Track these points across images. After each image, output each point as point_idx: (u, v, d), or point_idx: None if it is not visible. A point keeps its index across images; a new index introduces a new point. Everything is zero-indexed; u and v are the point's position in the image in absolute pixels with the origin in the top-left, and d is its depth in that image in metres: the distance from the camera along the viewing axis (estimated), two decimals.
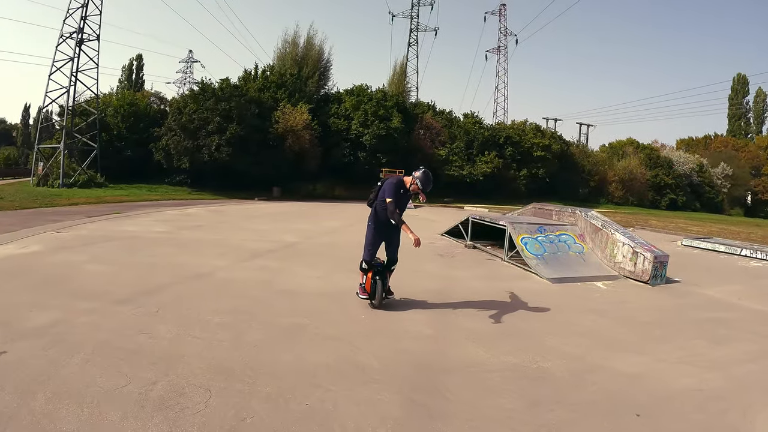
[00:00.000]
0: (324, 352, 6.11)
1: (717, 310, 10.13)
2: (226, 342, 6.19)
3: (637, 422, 4.95)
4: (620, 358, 6.65)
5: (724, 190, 71.28)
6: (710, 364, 6.87)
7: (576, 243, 13.41)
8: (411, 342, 6.68)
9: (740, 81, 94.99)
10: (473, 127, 49.48)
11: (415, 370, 5.74)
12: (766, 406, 5.59)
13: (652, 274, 11.71)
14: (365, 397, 4.98)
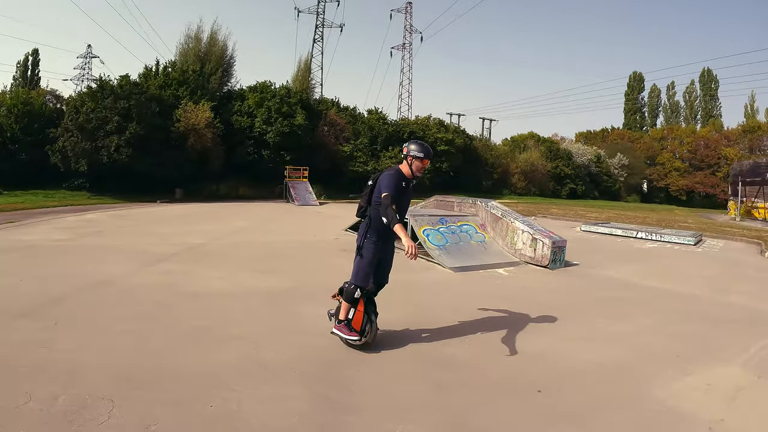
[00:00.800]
0: (227, 352, 5.95)
1: (615, 289, 10.77)
2: (129, 350, 5.90)
3: (539, 398, 5.15)
4: (522, 339, 6.87)
5: (621, 179, 76.07)
6: (610, 339, 7.28)
7: (477, 233, 13.59)
8: (316, 337, 6.60)
9: (636, 78, 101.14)
10: (377, 123, 49.56)
11: (320, 365, 5.70)
12: (662, 374, 6.00)
13: (551, 259, 12.23)
14: (270, 395, 4.89)
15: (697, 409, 5.13)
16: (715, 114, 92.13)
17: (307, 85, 56.57)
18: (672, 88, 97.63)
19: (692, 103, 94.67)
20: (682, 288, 11.39)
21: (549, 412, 4.83)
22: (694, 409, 5.13)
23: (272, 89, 43.12)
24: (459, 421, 4.58)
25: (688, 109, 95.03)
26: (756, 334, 8.05)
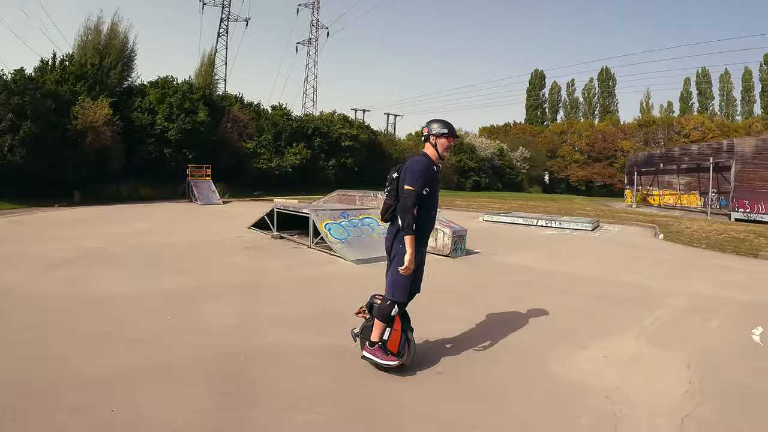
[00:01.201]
0: (129, 355, 5.62)
1: (513, 274, 11.04)
2: (29, 360, 5.48)
3: (439, 379, 5.19)
4: (423, 326, 6.70)
5: (523, 171, 79.09)
6: (509, 321, 7.39)
7: (379, 225, 13.57)
8: (218, 335, 6.35)
9: (537, 76, 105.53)
10: (281, 119, 48.66)
11: (223, 362, 5.49)
12: (560, 350, 6.17)
13: (452, 248, 12.36)
14: (173, 395, 4.66)
15: (593, 380, 5.30)
16: (612, 110, 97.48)
17: (210, 80, 55.11)
18: (572, 85, 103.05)
19: (591, 99, 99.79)
20: (578, 270, 11.81)
21: (450, 393, 4.85)
22: (591, 380, 5.29)
23: (174, 84, 41.55)
24: (364, 407, 4.53)
25: (586, 105, 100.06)
26: (648, 308, 8.51)
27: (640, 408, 4.74)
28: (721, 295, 10.00)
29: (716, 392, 5.22)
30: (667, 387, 5.27)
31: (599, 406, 4.71)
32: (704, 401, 4.97)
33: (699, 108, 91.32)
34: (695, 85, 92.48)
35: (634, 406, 4.77)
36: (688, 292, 10.19)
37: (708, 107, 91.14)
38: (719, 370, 5.89)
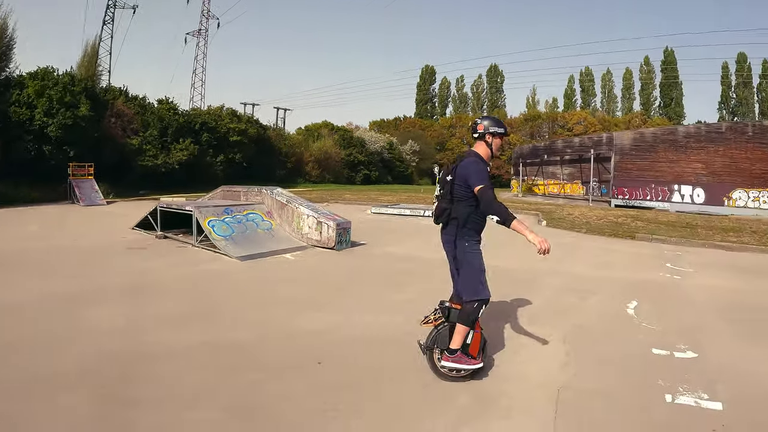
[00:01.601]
0: (4, 366, 5.21)
1: (397, 263, 11.29)
2: None
3: (319, 369, 5.22)
4: (307, 318, 6.92)
5: (413, 164, 79.88)
6: (390, 308, 7.57)
7: (264, 220, 13.36)
8: (102, 339, 6.02)
9: (428, 71, 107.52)
10: (168, 114, 46.38)
11: (107, 365, 5.22)
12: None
13: (337, 240, 12.46)
14: (55, 403, 4.40)
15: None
16: (500, 105, 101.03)
17: (93, 71, 51.84)
18: (461, 81, 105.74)
19: (479, 94, 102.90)
20: None
21: (328, 382, 4.87)
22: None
23: (54, 76, 38.93)
24: (246, 400, 4.49)
25: (475, 100, 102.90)
26: (529, 289, 8.98)
27: (517, 382, 4.99)
28: (599, 275, 10.72)
29: (591, 362, 5.61)
30: (544, 361, 5.59)
31: (477, 382, 4.92)
32: (579, 372, 5.32)
33: (582, 104, 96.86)
34: (579, 82, 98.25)
35: (512, 380, 5.02)
36: (568, 273, 10.85)
37: (590, 103, 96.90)
38: (594, 342, 6.32)
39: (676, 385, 5.04)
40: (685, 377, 5.27)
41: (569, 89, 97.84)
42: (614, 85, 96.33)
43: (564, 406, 4.54)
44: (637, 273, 11.17)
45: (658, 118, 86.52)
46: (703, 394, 4.87)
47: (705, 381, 5.20)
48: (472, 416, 4.31)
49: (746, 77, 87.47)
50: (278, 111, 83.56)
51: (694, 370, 5.50)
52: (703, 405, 4.69)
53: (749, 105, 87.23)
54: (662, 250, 14.52)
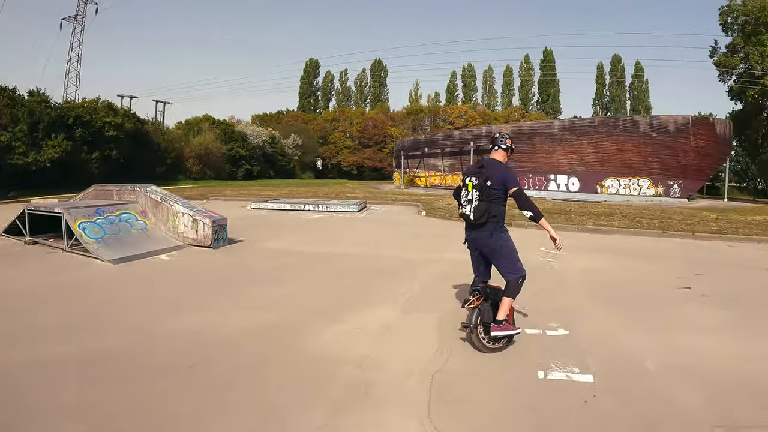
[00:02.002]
0: None
1: (275, 259, 11.18)
2: None
3: (193, 372, 5.08)
4: (177, 320, 6.73)
5: (295, 158, 79.32)
6: (267, 305, 7.50)
7: (138, 220, 12.94)
8: None
9: (312, 64, 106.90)
10: (39, 107, 43.01)
11: None
12: (316, 327, 6.40)
13: (214, 238, 12.22)
14: None
15: (346, 351, 5.58)
16: (383, 98, 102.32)
17: None
18: (345, 74, 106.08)
19: (363, 88, 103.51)
20: (340, 250, 12.39)
21: (200, 384, 4.79)
22: (343, 352, 5.57)
23: None
24: (116, 412, 4.29)
25: (358, 93, 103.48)
26: (405, 279, 9.18)
27: (391, 371, 5.10)
28: None
29: (465, 346, 5.82)
30: (418, 349, 5.73)
31: (350, 375, 4.97)
32: (453, 356, 5.52)
33: (463, 98, 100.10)
34: (461, 78, 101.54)
35: (386, 370, 5.13)
36: (444, 260, 11.22)
37: (472, 98, 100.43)
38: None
39: (548, 362, 5.35)
40: (556, 354, 5.61)
41: (451, 84, 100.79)
42: (495, 81, 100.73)
43: (438, 390, 4.68)
44: None
45: (536, 113, 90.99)
46: (574, 368, 5.21)
47: (576, 356, 5.56)
48: (347, 407, 4.35)
49: (620, 77, 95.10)
50: (157, 104, 79.82)
51: (565, 347, 5.87)
52: (574, 378, 5.01)
53: (621, 102, 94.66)
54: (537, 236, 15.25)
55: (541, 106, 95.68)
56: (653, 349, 5.87)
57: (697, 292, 8.87)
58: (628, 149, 37.35)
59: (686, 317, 7.40)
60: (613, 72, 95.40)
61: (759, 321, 7.28)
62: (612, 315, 7.34)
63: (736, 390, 4.88)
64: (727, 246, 14.93)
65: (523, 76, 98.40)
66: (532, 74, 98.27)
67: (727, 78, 51.37)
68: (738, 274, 10.95)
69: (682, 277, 10.16)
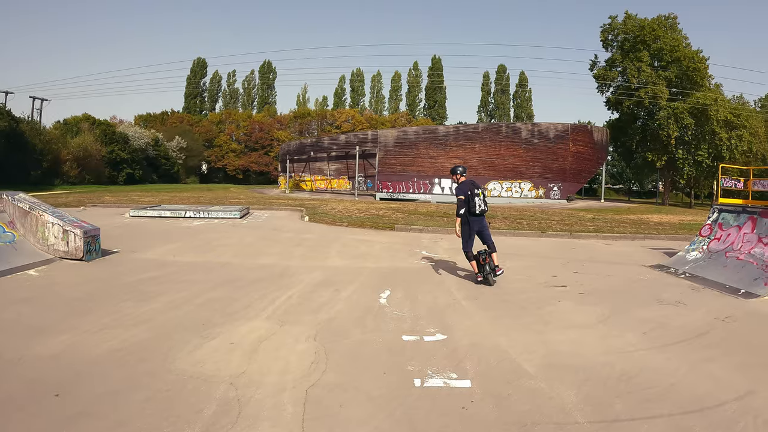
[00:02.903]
0: None
1: (149, 271, 10.74)
2: None
3: (57, 402, 4.70)
4: (41, 343, 6.26)
5: (180, 162, 77.47)
6: (136, 321, 7.14)
7: (6, 232, 12.11)
8: None
9: (199, 64, 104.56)
10: None
11: None
12: (187, 344, 6.21)
13: (86, 250, 11.57)
14: None
15: (218, 369, 5.45)
16: (270, 101, 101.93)
17: None
18: (233, 75, 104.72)
19: (250, 90, 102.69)
20: (218, 259, 12.18)
21: (62, 415, 4.45)
22: (215, 370, 5.43)
23: None
24: None
25: (246, 95, 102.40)
26: (282, 288, 9.20)
27: (265, 388, 5.02)
28: (356, 266, 11.37)
29: (341, 357, 5.86)
30: (293, 362, 5.69)
31: (223, 394, 4.85)
32: (329, 368, 5.53)
33: (351, 103, 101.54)
34: (349, 82, 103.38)
35: (259, 387, 5.03)
36: (325, 267, 11.32)
37: (359, 103, 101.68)
38: (346, 335, 6.62)
39: (425, 369, 5.47)
40: (433, 360, 5.75)
41: (339, 88, 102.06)
42: (383, 87, 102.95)
43: (313, 406, 4.64)
44: (394, 262, 12.02)
45: (422, 118, 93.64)
46: (452, 374, 5.36)
47: (454, 361, 5.73)
48: (219, 428, 4.23)
49: (504, 85, 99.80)
50: (34, 101, 75.28)
51: (443, 352, 6.02)
52: (452, 384, 5.14)
53: (506, 109, 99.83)
54: (420, 239, 15.66)
55: (427, 112, 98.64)
56: (531, 350, 6.17)
57: (573, 290, 9.52)
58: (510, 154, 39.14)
59: (562, 315, 7.87)
60: (498, 81, 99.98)
61: (631, 315, 7.92)
62: (490, 316, 7.67)
63: (613, 385, 5.22)
64: (603, 244, 15.88)
65: (411, 82, 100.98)
66: (420, 81, 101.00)
67: (606, 89, 57.10)
68: (612, 270, 11.83)
69: (557, 275, 10.77)
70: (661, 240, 17.64)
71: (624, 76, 53.34)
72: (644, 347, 6.44)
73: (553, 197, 39.31)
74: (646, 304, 8.74)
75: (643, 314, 8.02)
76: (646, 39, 51.00)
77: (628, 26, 52.35)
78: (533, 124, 43.22)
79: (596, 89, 57.72)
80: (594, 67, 57.72)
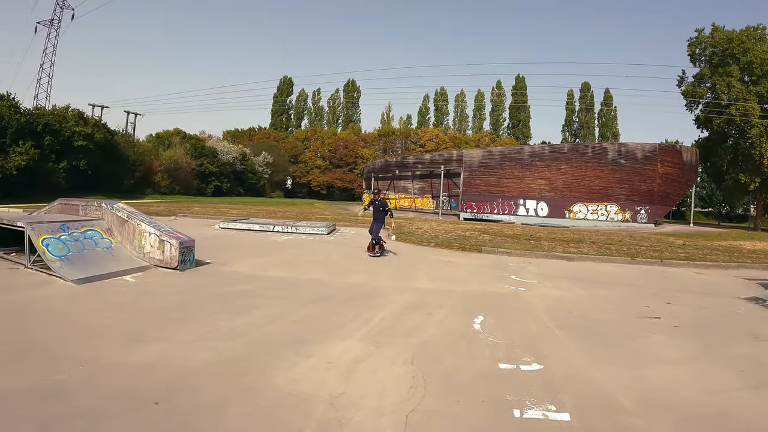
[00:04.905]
0: None
1: (240, 284, 10.85)
2: None
3: (158, 410, 4.77)
4: (138, 350, 6.37)
5: (265, 176, 78.88)
6: (231, 335, 7.18)
7: (104, 238, 12.57)
8: None
9: (286, 82, 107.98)
10: (8, 112, 41.05)
11: None
12: (283, 361, 6.14)
13: (180, 260, 11.90)
14: None
15: (317, 388, 5.36)
16: (355, 119, 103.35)
17: None
18: (318, 93, 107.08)
19: (335, 108, 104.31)
20: (306, 275, 12.14)
21: (164, 425, 4.49)
22: (314, 389, 5.34)
23: None
24: None
25: (331, 113, 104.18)
26: (375, 309, 9.01)
27: (365, 410, 4.91)
28: (446, 289, 11.09)
29: (439, 383, 5.67)
30: (390, 386, 5.54)
31: (322, 414, 4.76)
32: (428, 394, 5.35)
33: (435, 122, 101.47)
34: (433, 101, 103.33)
35: (358, 409, 4.92)
36: (414, 288, 11.10)
37: (443, 122, 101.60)
38: (441, 360, 6.42)
39: (523, 399, 5.26)
40: (531, 390, 5.52)
41: (423, 107, 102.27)
42: (467, 106, 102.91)
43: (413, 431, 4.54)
44: (483, 286, 11.68)
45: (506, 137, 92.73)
46: (550, 406, 5.12)
47: (551, 392, 5.48)
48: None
49: (589, 104, 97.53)
50: (129, 115, 78.95)
51: (540, 382, 5.78)
52: (551, 417, 4.92)
53: (590, 128, 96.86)
54: (508, 263, 15.28)
55: (511, 132, 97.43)
56: (627, 384, 5.85)
57: (666, 323, 8.95)
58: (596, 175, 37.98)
59: (657, 349, 7.42)
60: (583, 99, 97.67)
61: (727, 352, 7.41)
62: (584, 347, 7.32)
63: (711, 426, 4.92)
64: (694, 273, 15.14)
65: (494, 101, 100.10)
66: (504, 100, 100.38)
67: (694, 107, 53.37)
68: (705, 301, 11.11)
69: (650, 306, 10.24)
70: (756, 269, 16.50)
71: (713, 92, 49.64)
72: (741, 387, 6.02)
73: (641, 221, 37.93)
74: (741, 340, 8.18)
75: (739, 351, 7.51)
76: (735, 52, 47.51)
77: (716, 39, 48.84)
78: (619, 144, 41.71)
79: (684, 107, 54.07)
80: (682, 83, 53.78)
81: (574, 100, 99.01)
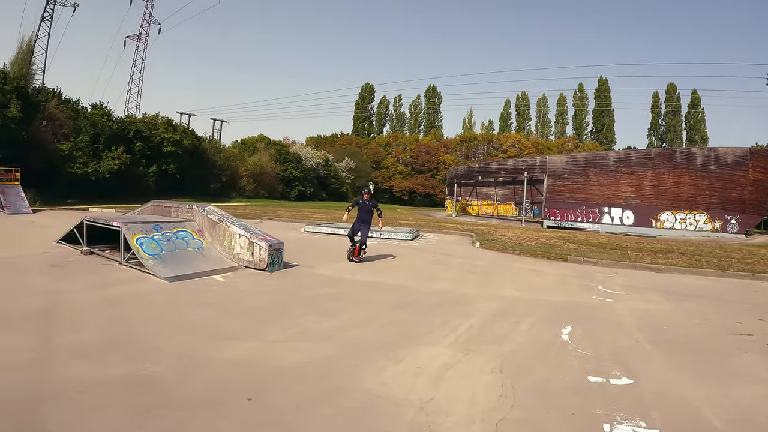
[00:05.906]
0: None
1: (327, 286, 10.98)
2: None
3: (249, 406, 4.87)
4: (230, 347, 6.54)
5: (348, 181, 79.88)
6: (320, 336, 7.27)
7: (195, 239, 12.95)
8: (7, 372, 5.38)
9: (367, 89, 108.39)
10: (101, 120, 43.50)
11: (9, 405, 4.62)
12: (372, 364, 6.15)
13: (269, 261, 12.11)
14: None
15: (407, 393, 5.33)
16: (436, 125, 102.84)
17: (27, 70, 48.40)
18: (399, 100, 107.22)
19: (417, 114, 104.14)
20: (392, 280, 12.10)
21: (257, 420, 4.58)
22: (404, 393, 5.31)
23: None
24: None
25: (412, 119, 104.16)
26: (461, 315, 8.88)
27: (455, 416, 4.84)
28: (532, 298, 10.79)
29: (527, 392, 5.53)
30: (480, 393, 5.45)
31: (413, 419, 4.73)
32: (517, 404, 5.22)
33: (517, 127, 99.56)
34: (515, 106, 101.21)
35: (448, 415, 4.85)
36: (501, 296, 10.86)
37: (525, 127, 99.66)
38: (530, 370, 6.26)
39: (613, 414, 5.07)
40: (621, 405, 5.31)
41: (505, 112, 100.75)
42: (549, 110, 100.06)
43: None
44: (570, 296, 11.33)
45: (589, 142, 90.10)
46: (640, 422, 4.92)
47: (641, 408, 5.26)
48: None
49: (675, 106, 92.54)
50: (215, 122, 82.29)
51: (630, 398, 5.55)
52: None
53: (677, 132, 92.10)
54: (594, 273, 14.81)
55: (595, 136, 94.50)
56: (717, 403, 5.55)
57: (759, 340, 8.38)
58: (684, 182, 36.34)
59: (749, 367, 6.96)
60: (669, 101, 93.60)
61: None
62: (674, 362, 6.96)
63: None
64: None
65: (577, 105, 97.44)
66: (587, 103, 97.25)
67: None
68: None
69: (742, 322, 9.69)
70: None
71: None
72: None
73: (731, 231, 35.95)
74: None
75: None
76: None
77: None
78: (709, 149, 39.39)
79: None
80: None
81: (660, 103, 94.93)
